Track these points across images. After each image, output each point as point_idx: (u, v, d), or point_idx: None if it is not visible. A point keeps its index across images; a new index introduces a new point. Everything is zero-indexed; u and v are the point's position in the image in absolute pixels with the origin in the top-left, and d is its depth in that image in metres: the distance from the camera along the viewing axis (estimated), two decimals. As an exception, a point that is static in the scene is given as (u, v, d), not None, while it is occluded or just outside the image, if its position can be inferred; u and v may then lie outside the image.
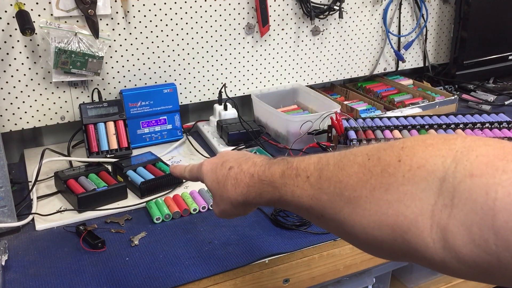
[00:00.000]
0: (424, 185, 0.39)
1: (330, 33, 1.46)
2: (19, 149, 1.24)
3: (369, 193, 0.43)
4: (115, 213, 0.94)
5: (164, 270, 0.78)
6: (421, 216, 0.39)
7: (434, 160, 0.40)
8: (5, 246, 0.83)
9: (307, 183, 0.50)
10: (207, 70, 1.32)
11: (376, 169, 0.43)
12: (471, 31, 1.55)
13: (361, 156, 0.46)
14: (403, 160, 0.42)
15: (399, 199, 0.41)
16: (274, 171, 0.56)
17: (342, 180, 0.46)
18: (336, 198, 0.46)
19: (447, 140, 0.41)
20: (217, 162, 0.66)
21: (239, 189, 0.61)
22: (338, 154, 0.49)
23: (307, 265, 0.84)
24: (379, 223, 0.42)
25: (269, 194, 0.56)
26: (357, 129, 1.10)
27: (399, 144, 0.44)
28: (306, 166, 0.51)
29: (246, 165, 0.61)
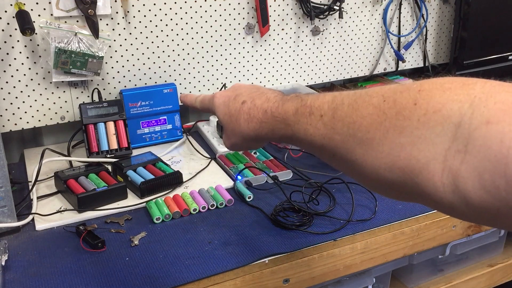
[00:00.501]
0: (438, 130, 0.39)
1: (330, 33, 1.46)
2: (19, 149, 1.24)
3: (382, 135, 0.43)
4: (115, 213, 0.94)
5: (164, 270, 0.78)
6: (433, 161, 0.39)
7: (450, 105, 0.39)
8: (5, 246, 0.83)
9: (320, 122, 0.50)
10: (207, 70, 1.32)
11: (391, 111, 0.43)
12: (471, 31, 1.55)
13: (376, 97, 0.45)
14: (419, 103, 0.41)
15: (413, 143, 0.41)
16: (288, 108, 0.56)
17: (356, 121, 0.46)
18: (349, 138, 0.46)
19: (465, 84, 0.40)
20: (230, 95, 0.66)
21: (252, 124, 0.61)
22: (353, 94, 0.49)
23: (307, 265, 0.84)
24: (391, 165, 0.43)
25: (281, 130, 0.57)
26: (357, 129, 1.10)
27: (416, 87, 0.43)
28: (320, 105, 0.51)
29: (260, 100, 0.61)
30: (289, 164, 1.10)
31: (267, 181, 1.05)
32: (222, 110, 0.66)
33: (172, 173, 1.02)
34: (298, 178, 1.05)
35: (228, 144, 0.68)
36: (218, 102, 0.67)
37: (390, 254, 0.92)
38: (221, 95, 0.68)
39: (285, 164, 1.10)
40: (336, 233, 0.87)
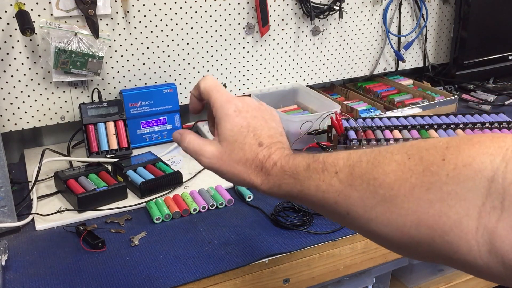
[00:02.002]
0: (470, 185, 0.38)
1: (330, 33, 1.46)
2: (19, 149, 1.24)
3: (408, 191, 0.41)
4: (115, 213, 0.94)
5: (164, 270, 0.78)
6: (466, 217, 0.38)
7: (481, 159, 0.38)
8: (5, 246, 0.83)
9: (335, 178, 0.48)
10: (207, 70, 1.32)
11: (418, 168, 0.42)
12: (471, 31, 1.55)
13: (399, 154, 0.44)
14: (448, 158, 0.40)
15: (442, 199, 0.39)
16: (298, 163, 0.53)
17: (378, 177, 0.44)
18: (369, 195, 0.45)
19: (495, 138, 0.39)
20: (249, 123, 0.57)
21: (260, 174, 0.55)
22: (371, 152, 0.47)
23: (307, 265, 0.84)
24: (417, 222, 0.41)
25: (289, 186, 0.53)
26: (357, 129, 1.10)
27: (443, 144, 0.42)
28: (334, 161, 0.49)
29: (275, 147, 0.56)
30: (289, 164, 1.10)
31: (267, 181, 1.05)
32: (231, 129, 0.56)
33: (172, 173, 1.02)
34: (298, 178, 1.05)
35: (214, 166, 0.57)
36: (233, 115, 0.57)
37: (390, 254, 0.92)
38: (239, 110, 0.57)
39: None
40: (336, 233, 0.87)
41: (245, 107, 0.58)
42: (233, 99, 0.58)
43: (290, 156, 0.55)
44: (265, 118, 0.59)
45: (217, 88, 0.59)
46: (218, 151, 0.57)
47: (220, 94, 0.58)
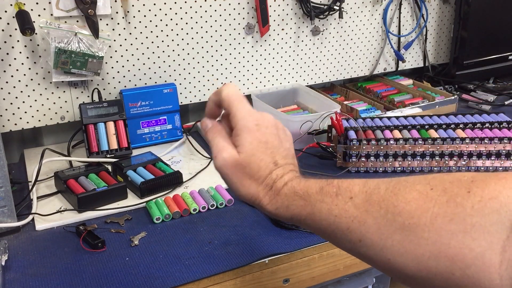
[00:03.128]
0: (495, 218, 0.37)
1: (330, 33, 1.46)
2: (19, 149, 1.24)
3: (429, 221, 0.40)
4: (115, 213, 0.94)
5: (164, 270, 0.78)
6: (489, 251, 0.37)
7: (508, 192, 0.38)
8: (5, 246, 0.83)
9: (349, 203, 0.47)
10: (207, 70, 1.32)
11: (441, 198, 0.41)
12: (471, 31, 1.55)
13: (421, 184, 0.43)
14: (473, 191, 0.39)
15: (465, 230, 0.38)
16: (311, 185, 0.52)
17: (397, 205, 0.43)
18: (386, 223, 0.43)
19: None
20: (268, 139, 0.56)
21: (269, 193, 0.54)
22: (389, 180, 0.47)
23: (307, 265, 0.84)
24: (437, 253, 0.40)
25: (298, 208, 0.52)
26: (357, 129, 1.10)
27: (468, 178, 0.41)
28: (349, 187, 0.48)
29: (288, 168, 0.55)
30: (289, 164, 1.10)
31: (267, 181, 1.05)
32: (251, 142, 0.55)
33: (172, 173, 1.02)
34: (298, 178, 1.05)
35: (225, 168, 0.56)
36: (254, 128, 0.56)
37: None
38: (260, 125, 0.56)
39: (285, 164, 1.10)
40: (336, 233, 0.87)
41: (265, 123, 0.57)
42: (254, 112, 0.57)
43: (301, 178, 0.54)
44: (281, 137, 0.58)
45: (239, 99, 0.57)
46: (235, 159, 0.55)
47: (242, 105, 0.57)
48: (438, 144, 1.06)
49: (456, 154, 1.06)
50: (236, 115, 0.57)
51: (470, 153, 1.06)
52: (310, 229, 0.52)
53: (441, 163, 1.07)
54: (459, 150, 1.06)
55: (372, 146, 1.06)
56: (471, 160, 1.06)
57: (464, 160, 1.06)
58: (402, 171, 1.07)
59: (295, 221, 0.53)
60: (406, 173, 1.07)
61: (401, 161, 1.07)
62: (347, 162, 1.08)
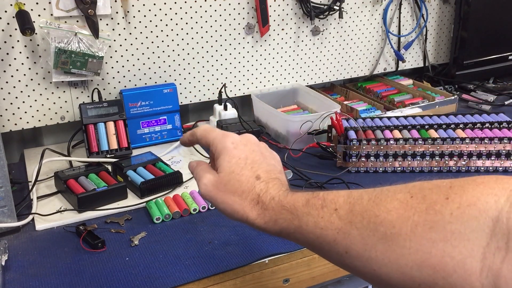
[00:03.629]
0: (474, 225, 0.37)
1: (330, 33, 1.46)
2: (19, 149, 1.24)
3: (410, 230, 0.41)
4: (115, 213, 0.94)
5: (164, 270, 0.78)
6: (470, 258, 0.37)
7: (486, 199, 0.38)
8: (5, 246, 0.83)
9: (334, 215, 0.47)
10: (207, 70, 1.32)
11: (421, 206, 0.41)
12: (471, 31, 1.55)
13: (401, 193, 0.43)
14: (452, 198, 0.39)
15: (445, 238, 0.38)
16: (297, 198, 0.51)
17: (379, 214, 0.43)
18: (369, 233, 0.44)
19: (499, 179, 0.39)
20: (247, 155, 0.57)
21: (256, 208, 0.54)
22: (372, 190, 0.47)
23: (307, 265, 0.84)
24: (420, 262, 0.40)
25: (285, 222, 0.51)
26: (357, 129, 1.10)
27: (446, 184, 0.41)
28: (334, 198, 0.48)
29: (273, 183, 0.55)
30: (289, 164, 1.10)
31: (267, 181, 1.05)
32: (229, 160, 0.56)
33: (172, 173, 1.02)
34: (298, 178, 1.05)
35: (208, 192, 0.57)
36: (231, 147, 0.57)
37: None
38: (237, 143, 0.58)
39: (285, 164, 1.10)
40: (336, 233, 0.87)
41: (243, 141, 0.58)
42: (230, 134, 0.59)
43: (288, 192, 0.53)
44: (264, 154, 0.58)
45: (212, 129, 0.60)
46: (215, 180, 0.57)
47: (216, 133, 0.59)
48: (438, 144, 1.06)
49: (456, 154, 1.06)
50: (213, 142, 0.59)
51: (470, 153, 1.06)
52: (299, 243, 0.52)
53: (441, 163, 1.07)
54: (459, 150, 1.06)
55: (372, 146, 1.06)
56: (471, 160, 1.06)
57: (464, 160, 1.06)
58: (402, 171, 1.08)
59: (284, 235, 0.52)
60: (406, 173, 1.07)
61: (401, 161, 1.07)
62: (347, 162, 1.08)
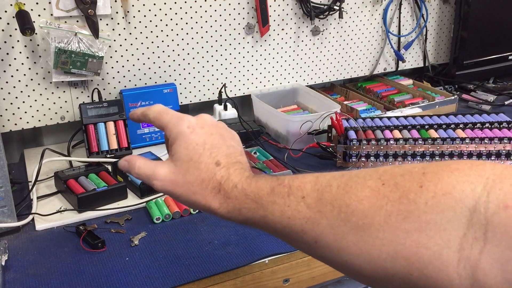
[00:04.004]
0: (450, 215, 0.36)
1: (330, 33, 1.46)
2: (19, 149, 1.24)
3: (383, 220, 0.39)
4: (115, 213, 0.94)
5: (164, 270, 0.78)
6: (446, 249, 0.36)
7: (462, 187, 0.36)
8: (5, 246, 0.83)
9: (302, 203, 0.44)
10: (207, 70, 1.32)
11: (393, 194, 0.39)
12: (471, 31, 1.55)
13: (372, 180, 0.42)
14: (426, 185, 0.38)
15: (420, 229, 0.37)
16: (261, 186, 0.48)
17: (350, 204, 0.41)
18: (340, 223, 0.41)
19: (474, 165, 0.38)
20: (205, 140, 0.53)
21: (218, 197, 0.50)
22: (341, 176, 0.44)
23: (307, 265, 0.84)
24: (393, 254, 0.38)
25: (250, 211, 0.48)
26: (357, 129, 1.10)
27: (420, 170, 0.40)
28: (300, 185, 0.46)
29: (234, 168, 0.51)
30: (289, 164, 1.10)
31: (267, 181, 1.05)
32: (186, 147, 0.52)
33: (172, 173, 1.02)
34: (298, 178, 1.05)
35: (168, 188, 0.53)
36: (187, 131, 0.53)
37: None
38: (193, 127, 0.54)
39: (285, 164, 1.10)
40: (336, 233, 0.87)
41: (200, 123, 0.54)
42: (185, 116, 0.55)
43: (252, 178, 0.50)
44: (224, 136, 0.55)
45: (166, 111, 0.56)
46: (171, 172, 0.52)
47: (170, 115, 0.55)
48: (438, 144, 1.06)
49: (456, 154, 1.06)
50: (168, 126, 0.54)
51: (470, 153, 1.06)
52: (267, 231, 0.49)
53: (441, 163, 1.06)
54: (459, 150, 1.06)
55: (372, 146, 1.06)
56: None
57: (464, 160, 1.06)
58: (402, 171, 1.07)
59: (250, 224, 0.50)
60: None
61: (401, 161, 1.07)
62: (347, 162, 1.08)
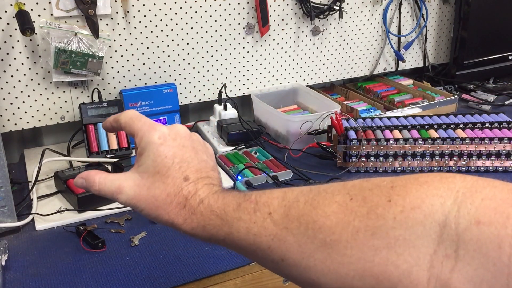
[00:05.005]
0: (420, 230, 0.34)
1: (330, 33, 1.46)
2: (19, 149, 1.24)
3: (351, 237, 0.37)
4: (115, 213, 0.94)
5: (164, 270, 0.78)
6: (416, 267, 0.34)
7: (431, 201, 0.35)
8: (5, 246, 0.83)
9: (268, 220, 0.43)
10: (207, 70, 1.32)
11: (361, 209, 0.38)
12: (471, 31, 1.55)
13: (340, 195, 0.40)
14: (394, 200, 0.36)
15: (389, 246, 0.35)
16: (228, 202, 0.47)
17: (317, 220, 0.40)
18: (307, 240, 0.40)
19: (443, 178, 0.36)
20: (175, 152, 0.50)
21: (183, 212, 0.48)
22: (309, 191, 0.43)
23: (307, 265, 0.84)
24: (362, 272, 0.37)
25: (215, 228, 0.47)
26: (357, 129, 1.10)
27: (387, 184, 0.38)
28: (267, 201, 0.44)
29: (203, 182, 0.49)
30: (289, 164, 1.10)
31: (267, 181, 1.05)
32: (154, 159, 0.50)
33: (172, 173, 1.02)
34: (298, 178, 1.05)
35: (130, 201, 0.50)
36: (157, 142, 0.50)
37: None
38: (165, 138, 0.51)
39: (285, 164, 1.10)
40: (336, 233, 0.87)
41: (172, 135, 0.51)
42: (158, 125, 0.52)
43: (219, 193, 0.48)
44: (196, 148, 0.53)
45: (138, 118, 0.53)
46: (136, 185, 0.50)
47: (142, 122, 0.52)
48: (438, 144, 1.06)
49: (456, 154, 1.06)
50: (138, 134, 0.52)
51: (470, 153, 1.06)
52: (232, 249, 0.48)
53: (441, 163, 1.07)
54: (459, 150, 1.06)
55: (372, 146, 1.06)
56: (471, 160, 1.06)
57: (464, 160, 1.06)
58: (402, 171, 1.07)
59: (214, 241, 0.48)
60: (406, 173, 1.07)
61: (401, 161, 1.07)
62: (347, 162, 1.08)
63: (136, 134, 0.52)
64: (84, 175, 0.52)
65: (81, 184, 0.52)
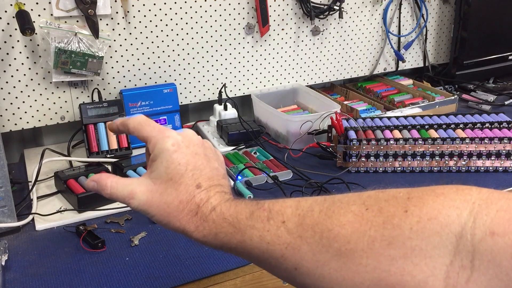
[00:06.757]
0: (436, 241, 0.35)
1: (330, 33, 1.46)
2: (19, 149, 1.24)
3: (367, 246, 0.38)
4: (115, 213, 0.94)
5: (164, 270, 0.78)
6: (432, 277, 0.35)
7: (447, 212, 0.35)
8: (5, 246, 0.83)
9: (282, 228, 0.43)
10: (207, 70, 1.32)
11: (377, 219, 0.38)
12: (471, 31, 1.55)
13: (356, 205, 0.40)
14: (411, 210, 0.37)
15: (405, 255, 0.36)
16: (241, 210, 0.47)
17: (332, 228, 0.40)
18: (321, 249, 0.40)
19: (460, 190, 0.37)
20: (188, 160, 0.50)
21: (194, 220, 0.48)
22: (323, 201, 0.43)
23: (307, 265, 0.84)
24: (377, 281, 0.37)
25: (227, 236, 0.46)
26: (357, 129, 1.10)
27: (404, 195, 0.39)
28: (281, 209, 0.44)
29: (215, 190, 0.50)
30: (289, 164, 1.10)
31: (267, 181, 1.05)
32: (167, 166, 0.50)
33: (172, 173, 1.02)
34: (298, 178, 1.05)
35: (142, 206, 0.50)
36: (171, 149, 0.50)
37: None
38: (178, 145, 0.51)
39: (285, 164, 1.10)
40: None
41: (185, 142, 0.51)
42: (170, 131, 0.52)
43: (231, 201, 0.48)
44: (208, 156, 0.53)
45: (147, 123, 0.52)
46: (148, 191, 0.50)
47: (151, 127, 0.52)
48: (438, 144, 1.06)
49: (456, 154, 1.06)
50: (151, 141, 0.51)
51: (470, 153, 1.06)
52: (243, 257, 0.47)
53: (441, 163, 1.07)
54: (459, 150, 1.06)
55: (372, 146, 1.06)
56: (471, 160, 1.06)
57: (464, 160, 1.06)
58: (402, 171, 1.07)
59: (225, 249, 0.48)
60: (406, 173, 1.07)
61: (401, 161, 1.07)
62: (347, 162, 1.08)
63: (149, 141, 0.52)
64: (95, 178, 0.52)
65: (92, 187, 0.52)
